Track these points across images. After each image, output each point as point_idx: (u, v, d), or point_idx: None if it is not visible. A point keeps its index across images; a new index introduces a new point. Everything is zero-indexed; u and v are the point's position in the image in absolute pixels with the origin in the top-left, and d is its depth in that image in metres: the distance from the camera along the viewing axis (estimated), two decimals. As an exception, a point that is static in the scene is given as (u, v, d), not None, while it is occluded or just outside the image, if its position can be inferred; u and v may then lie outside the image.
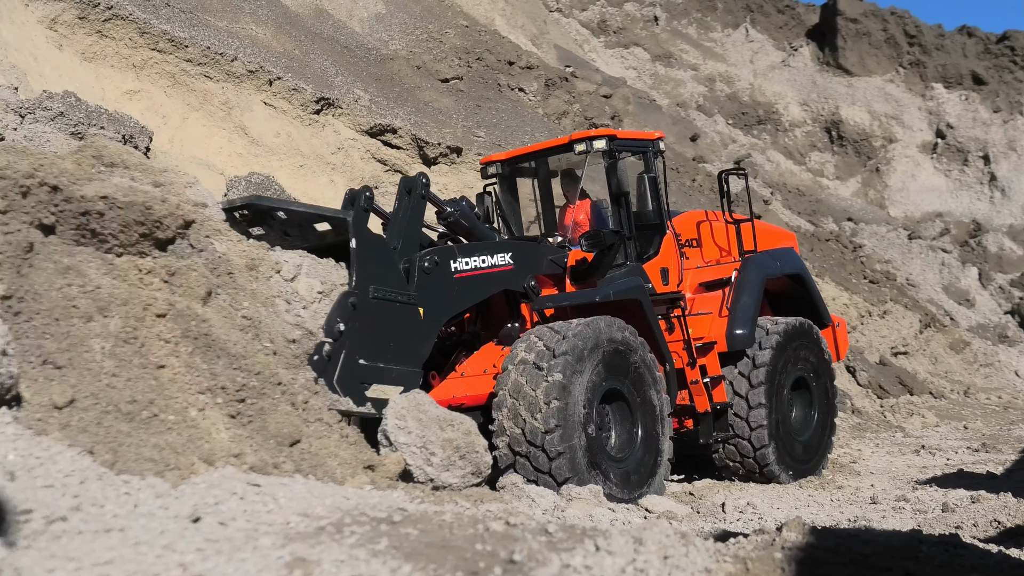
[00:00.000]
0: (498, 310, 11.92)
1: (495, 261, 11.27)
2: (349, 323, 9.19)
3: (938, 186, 46.51)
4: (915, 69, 50.71)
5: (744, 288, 13.29)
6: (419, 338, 10.10)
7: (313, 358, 8.48)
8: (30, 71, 18.20)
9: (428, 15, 32.65)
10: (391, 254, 10.20)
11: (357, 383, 9.14)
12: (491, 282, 11.24)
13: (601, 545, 4.06)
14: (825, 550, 5.22)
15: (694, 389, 12.59)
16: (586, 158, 12.74)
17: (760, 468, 12.85)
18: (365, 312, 9.45)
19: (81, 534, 3.96)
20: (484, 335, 11.92)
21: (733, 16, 55.08)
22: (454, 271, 10.69)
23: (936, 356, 26.91)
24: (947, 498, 10.87)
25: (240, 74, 22.83)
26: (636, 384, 10.96)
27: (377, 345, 9.52)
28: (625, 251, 12.57)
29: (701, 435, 12.75)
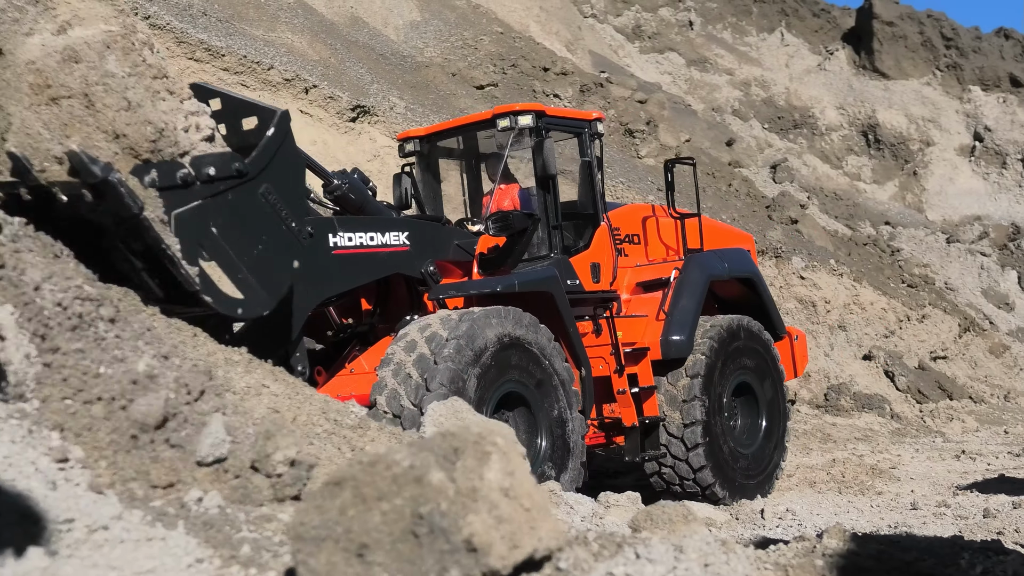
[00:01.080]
0: (398, 300, 10.74)
1: (386, 240, 9.97)
2: (220, 184, 7.82)
3: (976, 189, 46.15)
4: (952, 72, 50.37)
5: (684, 289, 12.05)
6: (280, 289, 8.47)
7: (153, 172, 7.20)
8: (68, 81, 18.35)
9: (463, 22, 32.70)
10: (302, 175, 9.05)
11: (196, 240, 7.60)
12: (379, 263, 9.93)
13: (641, 553, 4.04)
14: (867, 557, 5.18)
15: (621, 400, 11.44)
16: (510, 136, 11.45)
17: (701, 491, 11.73)
18: (245, 196, 8.12)
19: (123, 543, 3.97)
20: (382, 328, 10.66)
21: (768, 20, 54.88)
22: (333, 246, 9.34)
23: (975, 360, 26.70)
24: (988, 503, 10.78)
25: (276, 82, 22.93)
26: (542, 394, 9.82)
27: (238, 236, 8.03)
28: (550, 241, 11.33)
29: (627, 452, 11.61)
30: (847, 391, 20.77)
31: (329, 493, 3.65)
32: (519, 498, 3.65)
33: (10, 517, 3.75)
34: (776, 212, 32.70)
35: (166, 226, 7.23)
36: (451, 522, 3.49)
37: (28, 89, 6.81)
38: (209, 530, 4.26)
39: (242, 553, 4.15)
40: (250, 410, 5.83)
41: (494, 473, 3.64)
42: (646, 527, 5.95)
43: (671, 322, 11.77)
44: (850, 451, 15.78)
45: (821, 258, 28.82)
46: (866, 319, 25.97)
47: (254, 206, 8.18)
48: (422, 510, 3.52)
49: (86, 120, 6.94)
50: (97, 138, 6.90)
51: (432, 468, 3.60)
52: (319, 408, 6.46)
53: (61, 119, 6.84)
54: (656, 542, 4.14)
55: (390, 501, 3.56)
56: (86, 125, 6.93)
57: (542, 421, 9.81)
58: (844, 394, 20.59)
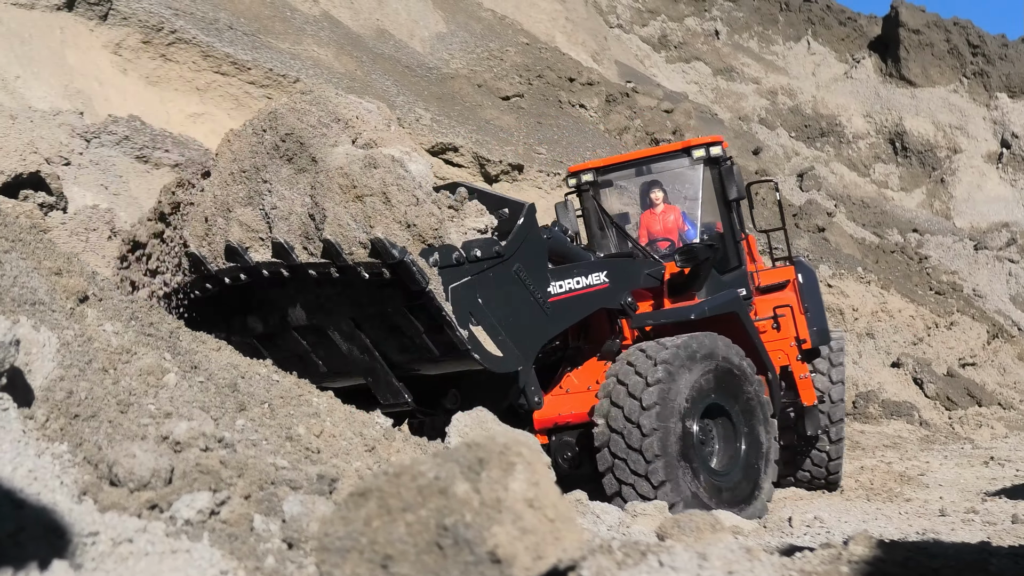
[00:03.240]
0: (600, 325, 11.99)
1: (590, 281, 11.06)
2: (484, 263, 9.33)
3: (1004, 196, 45.92)
4: (979, 79, 50.17)
5: (806, 289, 13.73)
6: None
7: (435, 255, 8.78)
8: (95, 96, 18.47)
9: (489, 33, 32.77)
10: (545, 255, 10.41)
11: (467, 309, 9.17)
12: (586, 302, 11.00)
13: (665, 561, 4.05)
14: (893, 564, 5.17)
15: (801, 384, 12.87)
16: (698, 165, 13.19)
17: (828, 481, 13.47)
18: (503, 273, 9.58)
19: (148, 556, 4.00)
20: (587, 349, 12.01)
21: (795, 29, 54.80)
22: (548, 295, 10.39)
23: (1004, 367, 26.54)
24: (1017, 510, 10.72)
25: (302, 95, 23.01)
26: (746, 413, 10.96)
27: (498, 305, 9.50)
28: (738, 254, 13.02)
29: (809, 428, 12.90)
30: (875, 398, 20.69)
31: (354, 504, 3.67)
32: (543, 508, 3.65)
33: (35, 531, 3.78)
34: (803, 220, 32.62)
35: (444, 298, 8.92)
36: (476, 533, 3.49)
37: (338, 189, 8.56)
38: (234, 542, 4.29)
39: (267, 564, 4.17)
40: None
41: (519, 484, 3.65)
42: (672, 535, 5.95)
43: (811, 317, 13.47)
44: (879, 458, 15.72)
45: (848, 266, 28.72)
46: (894, 326, 25.89)
47: (509, 281, 9.67)
48: (447, 521, 3.53)
49: (384, 213, 8.60)
50: (394, 227, 8.55)
51: (457, 479, 3.62)
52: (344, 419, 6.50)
53: (365, 212, 8.53)
54: (680, 550, 4.15)
55: (415, 512, 3.57)
56: (384, 217, 8.56)
57: (742, 439, 10.98)
58: (873, 401, 20.52)
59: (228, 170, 9.23)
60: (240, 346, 8.83)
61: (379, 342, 9.41)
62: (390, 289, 8.75)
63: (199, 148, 16.59)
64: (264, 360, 7.98)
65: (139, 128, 15.65)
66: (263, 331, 9.79)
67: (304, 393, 6.68)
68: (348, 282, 8.76)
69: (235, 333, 9.64)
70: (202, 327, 8.38)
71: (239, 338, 9.52)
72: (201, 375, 5.96)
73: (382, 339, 9.39)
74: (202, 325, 8.64)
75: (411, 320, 9.08)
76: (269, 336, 9.76)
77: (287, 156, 8.87)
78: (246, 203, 9.14)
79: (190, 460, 4.81)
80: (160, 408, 5.34)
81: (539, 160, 26.12)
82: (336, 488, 5.09)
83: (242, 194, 9.15)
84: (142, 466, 4.58)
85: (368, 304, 9.11)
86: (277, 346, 9.64)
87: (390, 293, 8.84)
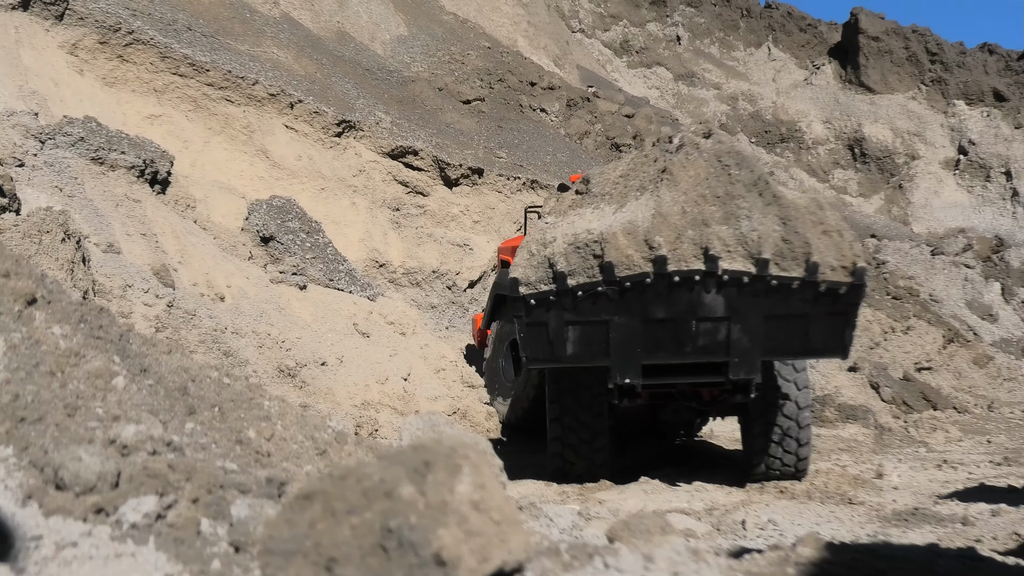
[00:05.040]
0: None
1: None
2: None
3: (961, 202, 46.32)
4: (937, 86, 50.57)
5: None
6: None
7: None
8: (51, 96, 18.34)
9: (450, 37, 32.76)
10: None
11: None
12: None
13: (611, 563, 4.06)
14: (840, 565, 5.20)
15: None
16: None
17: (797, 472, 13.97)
18: None
19: (92, 559, 3.98)
20: None
21: (755, 35, 55.07)
22: None
23: (960, 371, 26.76)
24: (968, 512, 10.81)
25: (261, 97, 22.95)
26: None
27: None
28: None
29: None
30: (832, 402, 20.80)
31: (299, 506, 3.67)
32: (489, 511, 3.66)
33: (-22, 534, 3.76)
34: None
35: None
36: (420, 536, 3.50)
37: (810, 223, 11.61)
38: (180, 545, 4.27)
39: (212, 568, 4.16)
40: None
41: (465, 486, 3.65)
42: (622, 537, 5.97)
43: None
44: (833, 461, 15.79)
45: (807, 271, 28.80)
46: (852, 331, 25.99)
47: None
48: (391, 523, 3.52)
49: (841, 246, 11.63)
50: (850, 256, 11.61)
51: (402, 482, 3.62)
52: (296, 423, 6.47)
53: (833, 242, 11.59)
54: (626, 552, 4.16)
55: (360, 515, 3.57)
56: (841, 250, 11.65)
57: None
58: (829, 405, 20.61)
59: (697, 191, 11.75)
60: (620, 327, 11.82)
61: (768, 333, 11.91)
62: (825, 298, 11.60)
63: (156, 149, 16.50)
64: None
65: (95, 129, 15.55)
66: (662, 317, 11.82)
67: (255, 396, 6.64)
68: (781, 289, 11.58)
69: (627, 315, 11.79)
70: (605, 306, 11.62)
71: (625, 318, 11.79)
72: (150, 378, 5.93)
73: (772, 332, 11.91)
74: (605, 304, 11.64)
75: (829, 321, 11.82)
76: (660, 320, 11.83)
77: (758, 192, 11.73)
78: (722, 222, 11.54)
79: (137, 464, 4.78)
80: (108, 411, 5.29)
81: (499, 164, 26.13)
82: (285, 492, 5.07)
83: (719, 214, 11.57)
84: (88, 470, 4.55)
85: (783, 306, 11.73)
86: (657, 327, 11.89)
87: (821, 301, 11.64)
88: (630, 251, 11.47)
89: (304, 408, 7.54)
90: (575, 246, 11.64)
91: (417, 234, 24.49)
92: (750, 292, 11.62)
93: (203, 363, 7.10)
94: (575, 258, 11.66)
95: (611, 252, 11.46)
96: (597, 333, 11.93)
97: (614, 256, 11.46)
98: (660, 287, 11.55)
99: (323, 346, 16.17)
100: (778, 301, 11.68)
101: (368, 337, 17.23)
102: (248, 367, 14.54)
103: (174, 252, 15.33)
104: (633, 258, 11.48)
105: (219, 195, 19.43)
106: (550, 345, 12.01)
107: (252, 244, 18.12)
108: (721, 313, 11.78)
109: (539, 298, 11.72)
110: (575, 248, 11.68)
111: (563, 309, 11.79)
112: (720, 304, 11.73)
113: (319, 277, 18.07)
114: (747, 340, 11.95)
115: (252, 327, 15.33)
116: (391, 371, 16.63)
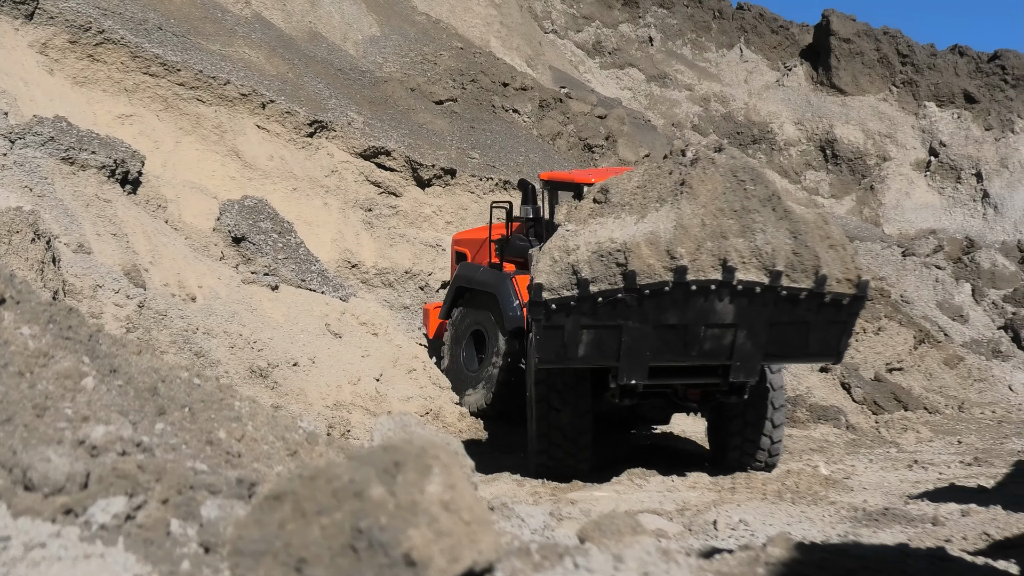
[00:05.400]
0: None
1: None
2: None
3: (932, 203, 46.57)
4: (908, 88, 50.82)
5: None
6: None
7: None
8: (20, 96, 18.24)
9: (423, 37, 32.71)
10: None
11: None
12: None
13: (581, 563, 4.07)
14: (810, 565, 5.22)
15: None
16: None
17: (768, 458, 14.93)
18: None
19: (61, 560, 3.96)
20: None
21: (727, 37, 55.21)
22: None
23: (930, 372, 26.87)
24: (938, 512, 10.88)
25: (233, 97, 22.89)
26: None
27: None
28: None
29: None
30: (804, 403, 20.88)
31: (269, 507, 3.66)
32: (459, 511, 3.66)
33: (-56, 535, 3.74)
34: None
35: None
36: (390, 536, 3.49)
37: (818, 237, 12.65)
38: (149, 546, 4.26)
39: (182, 569, 4.14)
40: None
41: (435, 487, 3.65)
42: (593, 537, 5.98)
43: None
44: (805, 462, 15.86)
45: (778, 272, 28.87)
46: (823, 332, 26.05)
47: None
48: (361, 524, 3.52)
49: (845, 260, 12.75)
50: (852, 269, 12.76)
51: (372, 482, 3.61)
52: (267, 424, 6.46)
53: (838, 256, 12.72)
54: (596, 552, 4.17)
55: (330, 515, 3.56)
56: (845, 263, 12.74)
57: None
58: (800, 406, 20.69)
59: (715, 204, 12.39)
60: (632, 331, 12.53)
61: (771, 339, 12.90)
62: (828, 308, 12.61)
63: (127, 149, 16.42)
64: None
65: (65, 129, 15.46)
66: (674, 322, 12.61)
67: (226, 397, 6.62)
68: (789, 299, 12.47)
69: (641, 319, 12.50)
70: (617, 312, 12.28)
71: (638, 323, 12.49)
72: (120, 379, 5.91)
73: (775, 337, 12.90)
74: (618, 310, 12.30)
75: (829, 329, 12.94)
76: (671, 325, 12.64)
77: (771, 207, 12.54)
78: (739, 235, 12.29)
79: (107, 464, 4.76)
80: (77, 412, 5.27)
81: (472, 165, 26.13)
82: (255, 492, 5.06)
83: (735, 228, 12.33)
84: (57, 470, 4.53)
85: (788, 314, 12.67)
86: (667, 331, 12.69)
87: (824, 310, 12.65)
88: (652, 260, 12.12)
89: (275, 409, 7.53)
90: (599, 254, 12.21)
91: (389, 235, 24.47)
92: (760, 301, 12.50)
93: (174, 364, 7.07)
94: (598, 266, 12.22)
95: (634, 261, 12.08)
96: (610, 336, 12.62)
97: (637, 265, 12.09)
98: (678, 295, 12.31)
99: (295, 347, 16.13)
100: (784, 310, 12.64)
101: (340, 338, 17.20)
102: (219, 368, 14.50)
103: (145, 252, 15.27)
104: (655, 267, 12.15)
105: (190, 195, 19.36)
106: (563, 347, 12.62)
107: (224, 244, 18.06)
108: (730, 320, 12.63)
109: (560, 303, 12.28)
110: (598, 256, 12.23)
111: (581, 314, 12.38)
112: (730, 311, 12.55)
113: (291, 277, 18.02)
114: (751, 345, 12.86)
115: (224, 328, 15.29)
116: (363, 372, 16.60)
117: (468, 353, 18.89)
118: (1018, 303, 35.33)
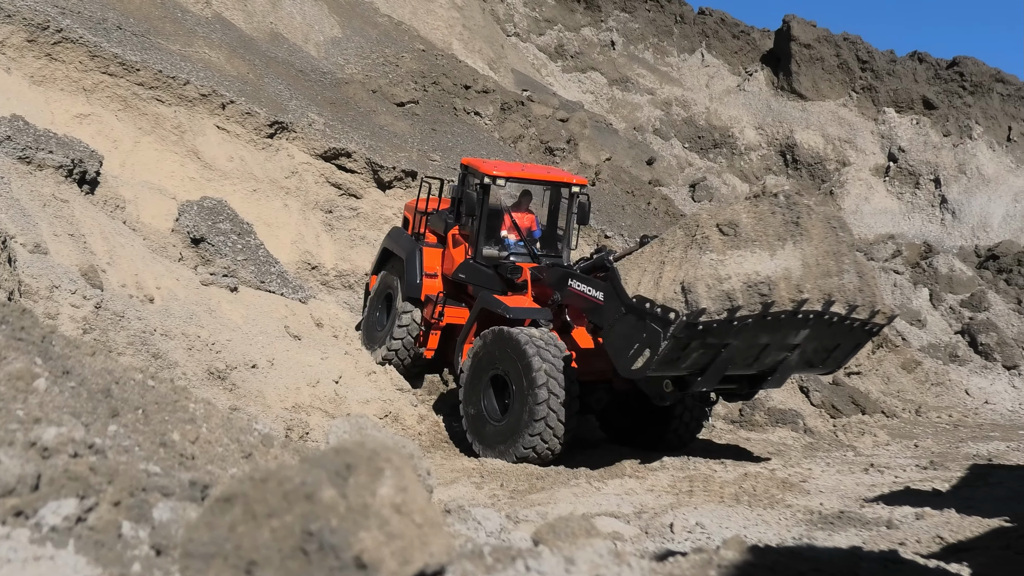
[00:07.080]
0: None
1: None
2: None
3: (891, 208, 46.85)
4: (867, 94, 51.14)
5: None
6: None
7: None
8: (-23, 95, 18.06)
9: (384, 39, 32.65)
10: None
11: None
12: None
13: (532, 565, 4.07)
14: (763, 568, 5.25)
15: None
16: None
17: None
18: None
19: (10, 562, 3.94)
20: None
21: (689, 41, 55.38)
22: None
23: (888, 376, 27.07)
24: (892, 515, 10.95)
25: (193, 98, 22.76)
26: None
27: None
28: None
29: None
30: (762, 406, 20.94)
31: (219, 509, 3.64)
32: (411, 514, 3.65)
33: None
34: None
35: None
36: (341, 539, 3.48)
37: (870, 276, 15.19)
38: (100, 548, 4.23)
39: (132, 571, 4.12)
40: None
41: (387, 489, 3.64)
42: (547, 540, 5.99)
43: None
44: (762, 465, 15.92)
45: (738, 276, 28.97)
46: (782, 336, 26.18)
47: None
48: (312, 527, 3.51)
49: (880, 294, 15.14)
50: (880, 301, 15.08)
51: (324, 485, 3.60)
52: (221, 426, 6.43)
53: (879, 292, 15.36)
54: (548, 554, 4.18)
55: (280, 518, 3.55)
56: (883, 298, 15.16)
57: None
58: (759, 409, 20.76)
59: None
60: (731, 349, 14.14)
61: (811, 356, 15.14)
62: (859, 332, 15.07)
63: (85, 149, 16.31)
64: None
65: (22, 128, 15.35)
66: (764, 343, 14.37)
67: (180, 399, 6.60)
68: (848, 327, 14.77)
69: (744, 339, 14.09)
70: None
71: (741, 342, 14.10)
72: (73, 380, 5.87)
73: (811, 355, 15.10)
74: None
75: (849, 349, 15.50)
76: (760, 345, 14.41)
77: (853, 251, 15.09)
78: (835, 274, 14.42)
79: (58, 466, 4.73)
80: (29, 414, 5.24)
81: (433, 167, 26.08)
82: (208, 494, 5.04)
83: (834, 268, 14.54)
84: (7, 472, 4.50)
85: (833, 338, 14.94)
86: (750, 349, 14.37)
87: (854, 334, 15.08)
88: (783, 292, 13.83)
89: (231, 411, 7.50)
90: (748, 284, 13.72)
91: (350, 236, 24.41)
92: (824, 327, 14.52)
93: (129, 365, 7.04)
94: (747, 295, 13.70)
95: (776, 293, 13.77)
96: (712, 351, 14.12)
97: (776, 296, 13.79)
98: (790, 322, 14.14)
99: (254, 348, 16.06)
100: (836, 335, 14.95)
101: (299, 340, 17.14)
102: (177, 369, 14.41)
103: (102, 253, 15.16)
104: (784, 298, 13.85)
105: (149, 196, 19.23)
106: (677, 359, 14.05)
107: (182, 245, 17.97)
108: (796, 342, 14.61)
109: (707, 324, 13.61)
110: (748, 287, 13.73)
111: (711, 333, 13.78)
112: (802, 336, 14.52)
113: (250, 279, 17.94)
114: (796, 362, 15.07)
115: (182, 329, 15.20)
116: (322, 374, 16.56)
117: (380, 312, 19.78)
118: (975, 308, 35.60)
